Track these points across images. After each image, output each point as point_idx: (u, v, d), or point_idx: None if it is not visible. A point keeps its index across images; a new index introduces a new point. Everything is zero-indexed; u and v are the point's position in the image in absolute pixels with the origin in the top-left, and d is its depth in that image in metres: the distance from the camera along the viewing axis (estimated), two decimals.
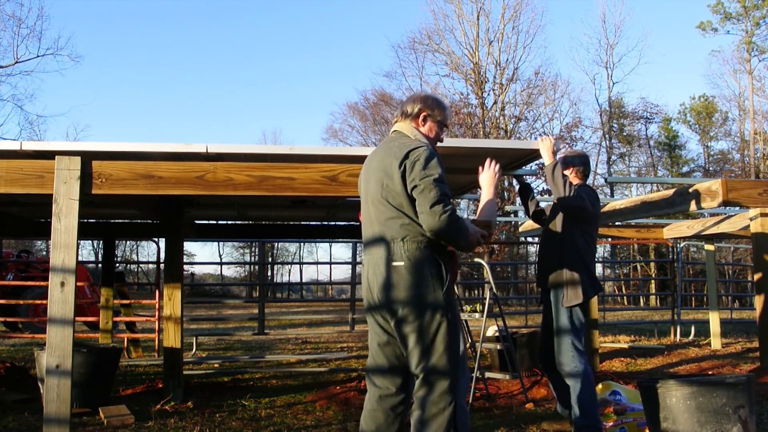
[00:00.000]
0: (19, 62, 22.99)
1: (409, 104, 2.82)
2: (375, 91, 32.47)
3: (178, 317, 5.15)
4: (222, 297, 27.69)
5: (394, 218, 2.62)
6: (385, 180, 2.63)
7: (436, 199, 2.50)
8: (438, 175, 2.54)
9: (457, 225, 2.51)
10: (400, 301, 2.56)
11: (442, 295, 2.56)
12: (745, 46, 30.23)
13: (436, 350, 2.55)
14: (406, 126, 2.80)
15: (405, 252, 2.57)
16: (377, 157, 2.73)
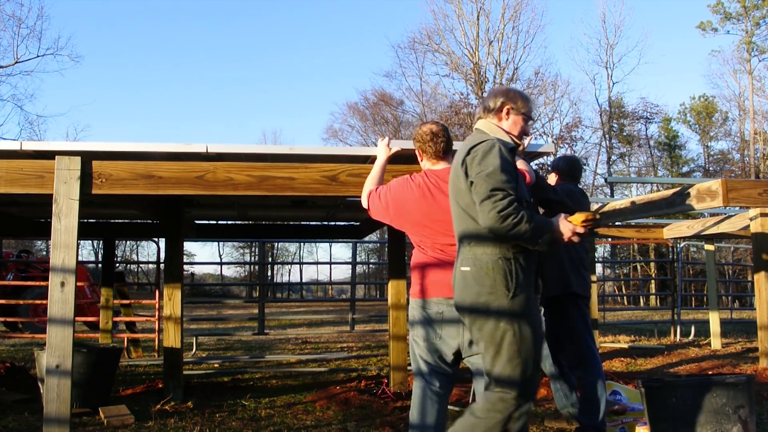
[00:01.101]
0: (19, 62, 23.06)
1: (491, 99, 2.70)
2: (375, 91, 32.52)
3: (178, 317, 5.15)
4: (222, 297, 27.69)
5: (462, 220, 2.53)
6: (455, 180, 2.56)
7: (485, 194, 2.36)
8: (493, 168, 2.38)
9: (512, 221, 2.31)
10: (466, 307, 2.48)
11: (509, 302, 2.40)
12: (745, 46, 30.25)
13: (501, 360, 2.43)
14: (486, 123, 2.69)
15: (471, 256, 2.47)
16: (453, 160, 2.67)
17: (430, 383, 2.82)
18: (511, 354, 2.42)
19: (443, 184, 2.86)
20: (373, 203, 3.07)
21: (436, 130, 2.97)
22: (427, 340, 2.81)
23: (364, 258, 34.73)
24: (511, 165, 2.45)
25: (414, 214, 2.87)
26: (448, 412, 4.45)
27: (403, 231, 3.01)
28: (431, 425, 2.79)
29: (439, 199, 2.83)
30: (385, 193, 3.01)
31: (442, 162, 2.97)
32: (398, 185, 2.96)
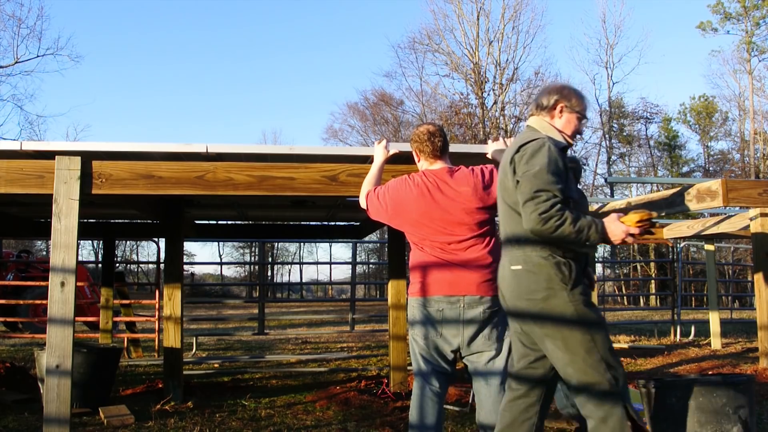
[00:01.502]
0: (19, 62, 23.06)
1: (545, 96, 2.62)
2: (375, 91, 32.53)
3: (178, 317, 5.15)
4: (222, 297, 27.69)
5: (510, 218, 2.49)
6: (503, 178, 2.53)
7: (529, 195, 2.31)
8: (539, 167, 2.32)
9: (553, 223, 2.26)
10: (521, 308, 2.43)
11: (568, 295, 2.35)
12: (745, 46, 30.25)
13: (577, 354, 2.35)
14: (539, 120, 2.61)
15: (521, 254, 2.42)
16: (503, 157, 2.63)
17: (429, 383, 2.83)
18: (586, 346, 2.34)
19: (441, 184, 2.87)
20: (372, 203, 3.08)
21: (433, 130, 3.00)
22: (427, 338, 2.82)
23: (364, 258, 34.75)
24: (560, 165, 2.38)
25: (412, 213, 2.87)
26: (448, 411, 4.46)
27: (402, 230, 3.02)
28: (431, 425, 2.80)
29: (438, 198, 2.84)
30: (383, 193, 3.02)
31: (439, 162, 2.98)
32: (396, 185, 2.96)
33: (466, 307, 2.76)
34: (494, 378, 2.80)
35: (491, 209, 2.90)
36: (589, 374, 2.35)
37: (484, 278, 2.80)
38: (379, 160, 3.40)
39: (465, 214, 2.83)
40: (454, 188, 2.86)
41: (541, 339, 2.43)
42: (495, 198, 2.87)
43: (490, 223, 2.93)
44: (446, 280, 2.79)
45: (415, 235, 2.91)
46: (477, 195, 2.85)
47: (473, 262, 2.80)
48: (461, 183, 2.87)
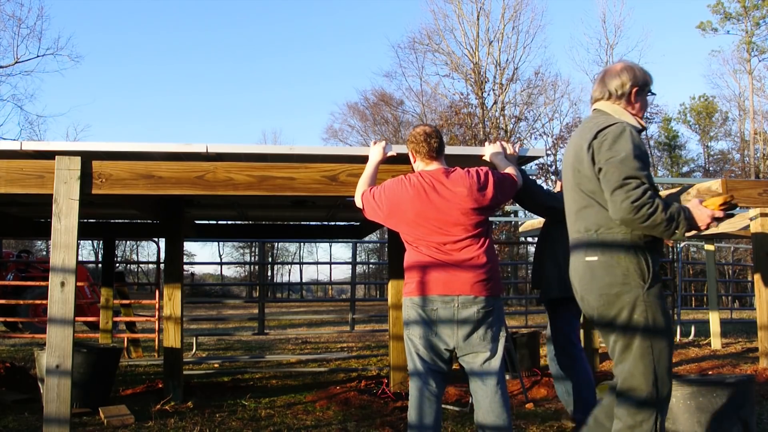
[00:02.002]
0: (19, 62, 23.04)
1: (615, 82, 2.47)
2: (375, 91, 32.58)
3: (178, 317, 5.15)
4: (222, 297, 27.70)
5: (587, 207, 2.39)
6: (577, 165, 2.42)
7: (618, 183, 2.22)
8: (625, 153, 2.24)
9: (645, 211, 2.19)
10: (595, 300, 2.36)
11: (643, 294, 2.28)
12: (745, 46, 30.25)
13: (632, 356, 2.30)
14: (609, 105, 2.50)
15: (599, 245, 2.34)
16: (572, 142, 2.51)
17: (426, 383, 2.83)
18: (644, 349, 2.28)
19: (437, 184, 2.88)
20: (368, 203, 3.09)
21: (429, 131, 3.02)
22: (423, 337, 2.82)
23: (364, 258, 34.75)
24: (644, 150, 2.30)
25: (408, 213, 2.88)
26: (448, 411, 4.46)
27: (397, 230, 3.02)
28: (429, 425, 2.81)
29: (433, 198, 2.85)
30: (379, 193, 3.02)
31: (435, 163, 3.00)
32: (392, 185, 2.97)
33: (460, 307, 2.77)
34: (491, 378, 2.81)
35: (486, 210, 2.92)
36: (635, 379, 2.30)
37: (479, 278, 2.80)
38: (374, 159, 3.42)
39: (460, 215, 2.84)
40: (450, 189, 2.87)
41: (606, 333, 2.40)
42: (490, 199, 2.90)
43: (485, 224, 2.94)
44: (441, 279, 2.80)
45: (410, 235, 2.92)
46: (472, 196, 2.86)
47: (468, 262, 2.81)
48: (457, 183, 2.88)
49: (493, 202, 2.94)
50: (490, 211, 2.96)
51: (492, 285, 2.84)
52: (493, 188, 2.93)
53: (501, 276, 3.05)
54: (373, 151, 3.46)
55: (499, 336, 2.86)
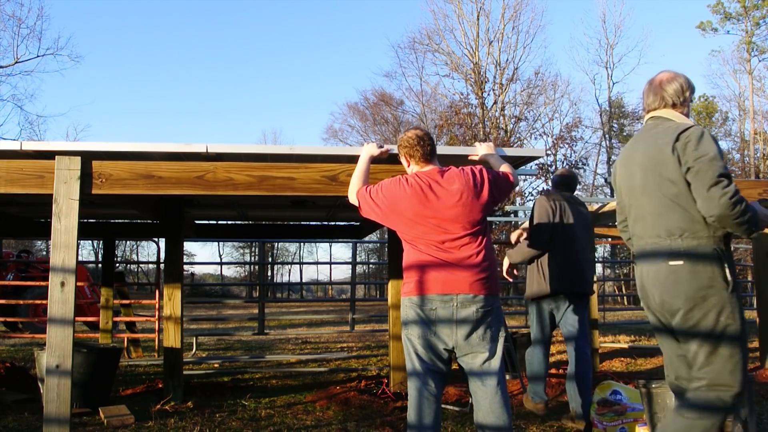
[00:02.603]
0: (19, 62, 23.05)
1: (672, 88, 2.57)
2: (375, 91, 32.58)
3: (178, 317, 5.15)
4: (222, 297, 27.69)
5: (669, 211, 2.41)
6: (658, 169, 2.44)
7: (713, 180, 2.27)
8: (713, 153, 2.31)
9: (740, 208, 2.26)
10: (681, 303, 2.37)
11: (728, 297, 2.33)
12: (745, 46, 30.25)
13: (720, 357, 2.33)
14: (671, 112, 2.58)
15: (684, 248, 2.36)
16: (640, 148, 2.55)
17: (425, 383, 2.83)
18: (732, 350, 2.33)
19: (433, 183, 2.89)
20: (364, 201, 3.08)
21: (420, 134, 3.03)
22: (422, 337, 2.82)
23: (364, 258, 34.76)
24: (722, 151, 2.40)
25: (407, 212, 2.88)
26: (448, 411, 4.46)
27: (395, 229, 3.01)
28: (429, 425, 2.80)
29: (431, 197, 2.86)
30: (376, 191, 3.02)
31: (429, 165, 3.01)
32: (390, 184, 2.97)
33: (459, 306, 2.77)
34: (490, 378, 2.80)
35: (483, 208, 2.92)
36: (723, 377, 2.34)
37: (478, 277, 2.80)
38: (367, 155, 3.41)
39: (458, 212, 2.84)
40: (446, 187, 2.88)
41: (688, 336, 2.41)
42: (486, 197, 2.91)
43: (483, 222, 2.94)
44: (440, 278, 2.80)
45: (408, 234, 2.91)
46: (469, 192, 2.87)
47: (467, 261, 2.81)
48: (452, 181, 2.89)
49: (489, 199, 2.94)
50: (487, 209, 2.95)
51: (491, 284, 2.84)
52: (488, 185, 2.94)
53: (501, 276, 3.06)
54: (367, 148, 3.46)
55: (498, 336, 2.86)
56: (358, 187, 3.17)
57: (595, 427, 3.93)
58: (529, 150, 4.27)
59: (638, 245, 2.58)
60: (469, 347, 2.80)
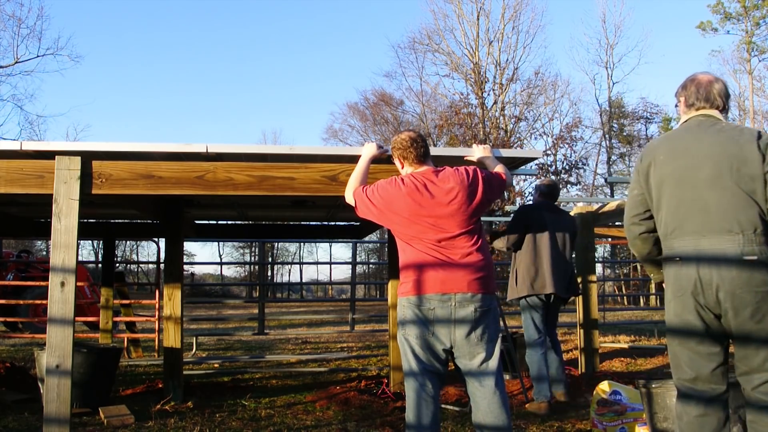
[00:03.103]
0: (19, 62, 23.01)
1: (722, 93, 2.68)
2: (375, 91, 32.55)
3: (178, 317, 5.15)
4: (222, 297, 27.70)
5: (744, 206, 2.44)
6: (736, 164, 2.46)
7: None
8: None
9: None
10: (752, 298, 2.38)
11: None
12: (745, 46, 30.23)
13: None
14: (716, 112, 2.68)
15: (758, 244, 2.40)
16: (707, 141, 2.57)
17: (423, 384, 2.82)
18: None
19: (428, 183, 2.90)
20: (361, 201, 3.08)
21: (414, 136, 3.06)
22: (420, 337, 2.82)
23: (364, 258, 34.76)
24: None
25: (403, 212, 2.89)
26: (448, 411, 4.46)
27: (391, 229, 3.02)
28: (428, 426, 2.80)
29: (426, 196, 2.87)
30: (372, 191, 3.03)
31: (423, 166, 3.04)
32: (386, 184, 2.98)
33: (457, 306, 2.77)
34: (488, 379, 2.81)
35: (478, 207, 2.94)
36: None
37: (475, 275, 2.81)
38: (367, 156, 3.43)
39: (453, 210, 2.86)
40: (441, 186, 2.89)
41: (750, 332, 2.43)
42: (480, 195, 2.94)
43: (478, 221, 2.96)
44: (438, 278, 2.80)
45: (405, 234, 2.92)
46: (463, 192, 2.89)
47: (464, 259, 2.82)
48: (447, 181, 2.91)
49: (483, 198, 2.96)
50: (482, 207, 2.98)
51: (488, 282, 2.85)
52: (482, 184, 2.97)
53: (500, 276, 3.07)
54: (367, 148, 3.48)
55: (496, 337, 2.86)
56: (355, 187, 3.18)
57: (595, 427, 3.93)
58: (526, 151, 4.31)
59: (687, 240, 2.53)
60: (467, 347, 2.80)
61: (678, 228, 2.56)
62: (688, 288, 2.48)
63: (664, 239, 2.64)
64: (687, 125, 2.75)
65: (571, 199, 14.85)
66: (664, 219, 2.61)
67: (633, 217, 2.76)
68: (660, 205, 2.64)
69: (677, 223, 2.56)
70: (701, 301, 2.46)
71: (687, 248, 2.52)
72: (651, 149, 2.75)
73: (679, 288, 2.52)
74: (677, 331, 2.57)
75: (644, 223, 2.74)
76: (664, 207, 2.62)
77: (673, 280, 2.55)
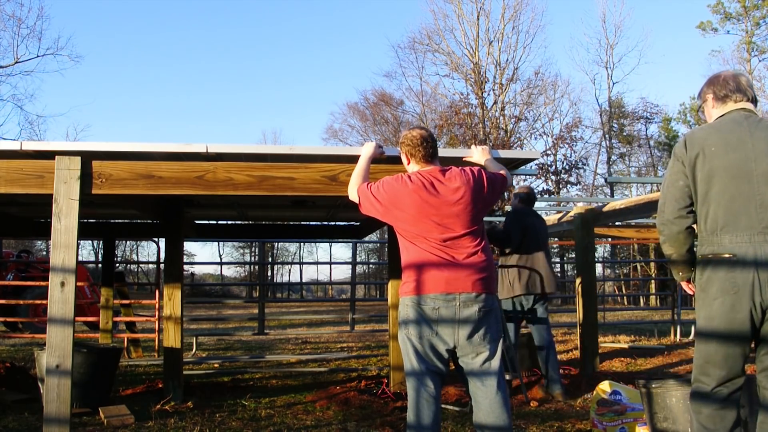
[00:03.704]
0: (19, 62, 22.98)
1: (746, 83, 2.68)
2: (375, 91, 32.54)
3: (178, 317, 5.15)
4: (222, 297, 27.69)
5: None
6: None
7: None
8: None
9: None
10: None
11: None
12: (745, 46, 30.23)
13: None
14: (751, 105, 2.65)
15: None
16: (761, 136, 2.52)
17: (424, 384, 2.81)
18: None
19: (435, 182, 2.90)
20: (365, 196, 3.06)
21: (425, 135, 3.03)
22: (422, 337, 2.81)
23: (364, 258, 34.76)
24: None
25: (409, 209, 2.87)
26: (448, 411, 4.46)
27: (395, 226, 2.99)
28: (429, 426, 2.80)
29: (433, 194, 2.86)
30: (377, 187, 3.01)
31: (430, 165, 3.02)
32: (392, 181, 2.96)
33: (461, 306, 2.76)
34: (490, 378, 2.80)
35: (482, 208, 2.95)
36: None
37: (479, 275, 2.81)
38: (367, 154, 3.42)
39: (459, 210, 2.86)
40: (447, 185, 2.89)
41: None
42: (486, 196, 2.96)
43: (481, 222, 2.97)
44: (443, 277, 2.79)
45: (410, 231, 2.90)
46: (469, 192, 2.89)
47: (468, 259, 2.82)
48: (453, 180, 2.90)
49: (488, 198, 2.98)
50: (486, 208, 2.99)
51: (490, 283, 2.86)
52: (487, 184, 2.98)
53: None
54: (367, 148, 3.48)
55: (498, 337, 2.87)
56: (358, 184, 3.16)
57: (595, 427, 3.93)
58: (525, 152, 4.30)
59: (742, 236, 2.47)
60: (470, 347, 2.80)
61: (731, 224, 2.47)
62: (745, 286, 2.42)
63: (710, 234, 2.54)
64: (732, 117, 2.62)
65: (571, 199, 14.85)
66: (712, 213, 2.51)
67: (680, 210, 2.61)
68: (708, 199, 2.53)
69: (730, 219, 2.48)
70: (757, 300, 2.41)
71: (743, 245, 2.44)
72: (698, 139, 2.59)
73: (732, 286, 2.44)
74: (720, 330, 2.49)
75: (691, 216, 2.61)
76: (714, 200, 2.51)
77: (723, 278, 2.47)
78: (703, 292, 2.56)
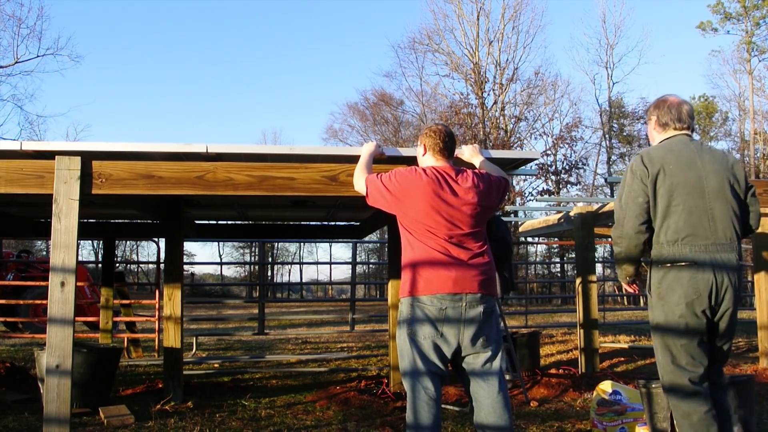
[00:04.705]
0: (19, 62, 23.02)
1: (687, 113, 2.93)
2: (375, 91, 32.58)
3: (178, 317, 5.15)
4: (222, 297, 27.69)
5: (736, 219, 2.78)
6: (731, 180, 2.80)
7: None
8: None
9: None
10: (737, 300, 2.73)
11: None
12: (745, 46, 30.24)
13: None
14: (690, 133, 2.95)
15: (740, 252, 2.74)
16: (706, 158, 2.84)
17: (424, 385, 2.77)
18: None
19: (450, 180, 2.89)
20: (374, 186, 3.03)
21: (449, 131, 3.09)
22: (428, 338, 2.77)
23: (364, 258, 34.75)
24: None
25: (420, 202, 2.84)
26: (448, 411, 4.46)
27: (403, 217, 2.93)
28: (428, 426, 2.79)
29: (447, 190, 2.85)
30: (388, 177, 2.98)
31: (444, 161, 3.01)
32: (406, 171, 2.93)
33: (467, 306, 2.76)
34: (492, 378, 2.80)
35: (489, 210, 2.97)
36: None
37: (484, 276, 2.82)
38: (368, 151, 3.43)
39: (469, 210, 2.86)
40: (461, 185, 2.89)
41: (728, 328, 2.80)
42: (494, 199, 2.99)
43: (484, 225, 2.97)
44: (450, 277, 2.77)
45: (417, 226, 2.86)
46: (479, 193, 2.89)
47: (473, 260, 2.82)
48: (466, 180, 2.91)
49: (494, 202, 3.01)
50: (492, 211, 3.01)
51: (492, 284, 2.86)
52: (494, 188, 3.00)
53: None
54: (367, 147, 3.49)
55: (499, 337, 2.87)
56: (366, 175, 3.15)
57: (595, 427, 3.93)
58: (524, 152, 4.30)
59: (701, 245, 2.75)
60: (473, 348, 2.80)
61: (692, 234, 2.75)
62: (705, 290, 2.68)
63: (671, 244, 2.78)
64: (680, 140, 2.91)
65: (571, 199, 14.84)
66: (674, 225, 2.77)
67: (640, 225, 2.85)
68: (668, 212, 2.79)
69: (690, 230, 2.75)
70: (712, 303, 2.68)
71: (701, 254, 2.72)
72: (657, 157, 2.85)
73: (693, 290, 2.71)
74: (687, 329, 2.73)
75: (648, 231, 2.88)
76: (674, 214, 2.77)
77: (687, 284, 2.72)
78: (661, 300, 2.83)
